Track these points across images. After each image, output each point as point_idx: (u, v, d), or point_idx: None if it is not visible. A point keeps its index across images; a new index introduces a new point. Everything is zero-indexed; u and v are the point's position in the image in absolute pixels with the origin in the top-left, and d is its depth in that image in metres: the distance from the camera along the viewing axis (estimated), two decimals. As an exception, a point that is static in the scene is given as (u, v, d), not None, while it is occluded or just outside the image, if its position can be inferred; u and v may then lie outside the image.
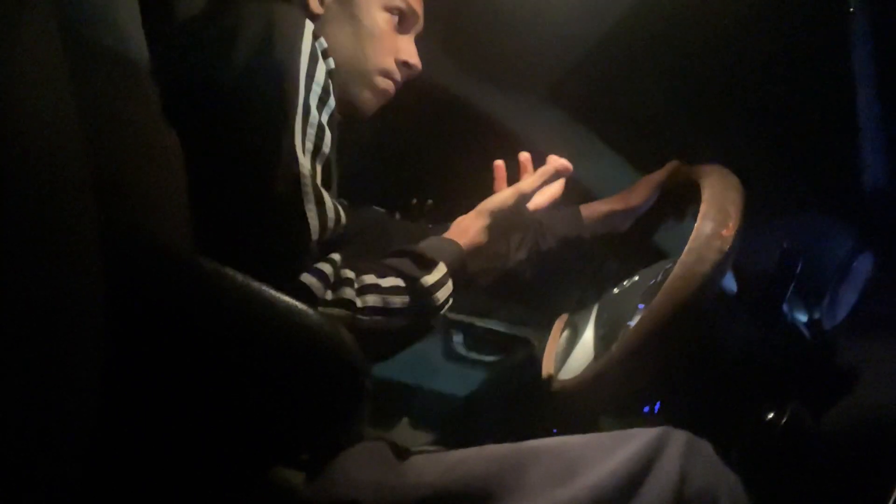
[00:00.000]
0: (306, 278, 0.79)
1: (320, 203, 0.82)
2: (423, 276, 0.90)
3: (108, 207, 0.62)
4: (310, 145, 0.83)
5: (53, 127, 0.56)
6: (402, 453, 0.87)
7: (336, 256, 0.84)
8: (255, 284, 0.71)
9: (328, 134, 0.85)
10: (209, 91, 0.82)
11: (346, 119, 1.01)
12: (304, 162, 0.81)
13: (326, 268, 0.82)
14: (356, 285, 0.85)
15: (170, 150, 0.76)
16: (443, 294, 0.92)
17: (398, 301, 0.87)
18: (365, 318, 0.84)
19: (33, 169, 0.54)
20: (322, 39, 0.87)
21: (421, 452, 0.90)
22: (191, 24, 0.89)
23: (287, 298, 0.72)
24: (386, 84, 1.03)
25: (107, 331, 0.62)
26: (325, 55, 0.87)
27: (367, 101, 1.03)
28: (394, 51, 1.03)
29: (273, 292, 0.72)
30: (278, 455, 0.77)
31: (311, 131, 0.83)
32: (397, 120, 1.17)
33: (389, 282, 0.87)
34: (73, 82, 0.58)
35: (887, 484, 0.85)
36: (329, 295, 0.81)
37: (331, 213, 0.83)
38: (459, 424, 1.52)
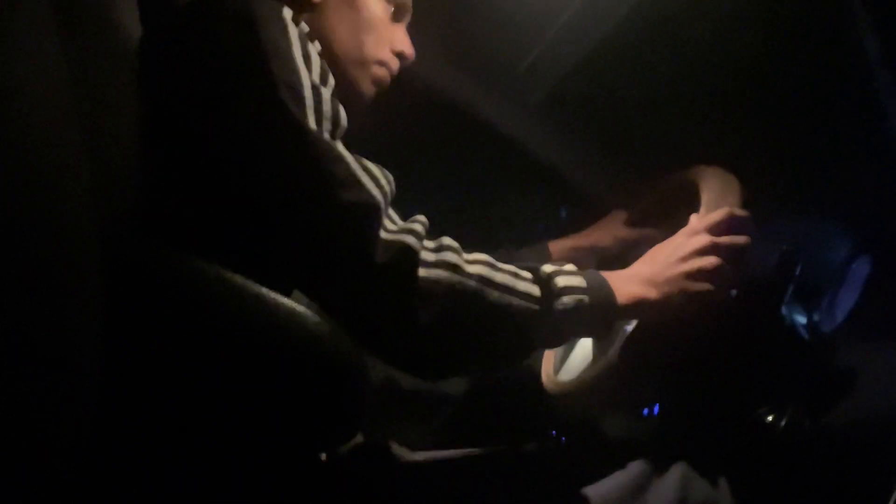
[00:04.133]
0: (406, 238, 0.74)
1: (368, 171, 0.77)
2: (552, 270, 0.81)
3: (107, 206, 0.62)
4: (328, 124, 0.78)
5: (53, 125, 0.56)
6: (402, 454, 0.87)
7: (423, 218, 0.79)
8: (255, 287, 0.71)
9: (341, 108, 0.82)
10: (207, 84, 0.79)
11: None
12: (332, 142, 0.76)
13: (417, 226, 0.77)
14: (463, 255, 0.78)
15: (168, 147, 0.76)
16: (570, 301, 0.80)
17: (520, 285, 0.78)
18: (471, 283, 0.75)
19: (33, 168, 0.53)
20: (304, 24, 0.85)
21: (421, 453, 0.90)
22: (181, 15, 0.87)
23: (287, 301, 0.72)
24: (383, 73, 1.02)
25: (106, 331, 0.62)
26: (311, 38, 0.84)
27: (366, 90, 1.01)
28: (389, 40, 1.03)
29: (273, 295, 0.71)
30: (279, 456, 0.77)
31: (326, 108, 0.79)
32: (392, 121, 1.17)
33: (506, 267, 0.79)
34: (72, 79, 0.58)
35: (887, 485, 0.85)
36: (430, 256, 0.75)
37: (381, 177, 0.78)
38: (459, 425, 1.52)
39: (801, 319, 1.00)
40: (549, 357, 1.14)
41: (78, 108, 0.59)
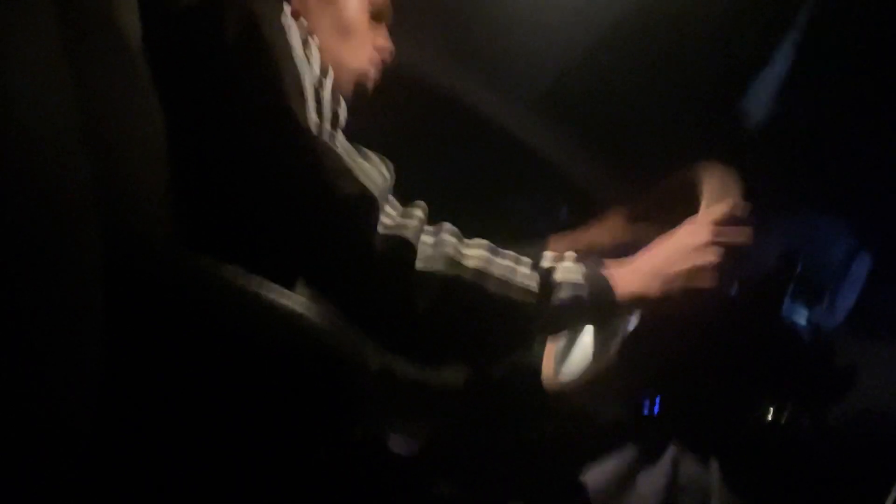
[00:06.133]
0: (403, 232, 0.75)
1: (367, 161, 0.79)
2: (551, 264, 0.82)
3: (108, 205, 0.62)
4: (329, 116, 0.80)
5: (53, 125, 0.56)
6: (402, 450, 0.87)
7: (423, 204, 0.80)
8: (255, 285, 0.71)
9: (342, 100, 0.83)
10: (211, 82, 0.80)
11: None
12: (333, 136, 0.78)
13: (417, 212, 0.78)
14: (463, 242, 0.79)
15: (171, 145, 0.76)
16: (568, 296, 0.80)
17: (517, 278, 0.79)
18: (467, 277, 0.76)
19: (33, 167, 0.54)
20: (302, 19, 0.86)
21: (422, 450, 0.90)
22: (183, 16, 0.88)
23: (287, 300, 0.72)
24: (366, 71, 1.03)
25: (106, 330, 0.62)
26: (310, 33, 0.86)
27: (348, 87, 1.01)
28: (370, 38, 1.04)
29: (273, 293, 0.71)
30: (278, 454, 0.77)
31: (328, 101, 0.80)
32: (390, 118, 1.18)
33: (507, 253, 0.81)
34: (73, 78, 0.58)
35: (886, 484, 0.85)
36: (428, 249, 0.76)
37: (381, 166, 0.80)
38: (460, 423, 1.52)
39: (802, 318, 1.00)
40: (549, 357, 1.14)
41: (78, 108, 0.60)
